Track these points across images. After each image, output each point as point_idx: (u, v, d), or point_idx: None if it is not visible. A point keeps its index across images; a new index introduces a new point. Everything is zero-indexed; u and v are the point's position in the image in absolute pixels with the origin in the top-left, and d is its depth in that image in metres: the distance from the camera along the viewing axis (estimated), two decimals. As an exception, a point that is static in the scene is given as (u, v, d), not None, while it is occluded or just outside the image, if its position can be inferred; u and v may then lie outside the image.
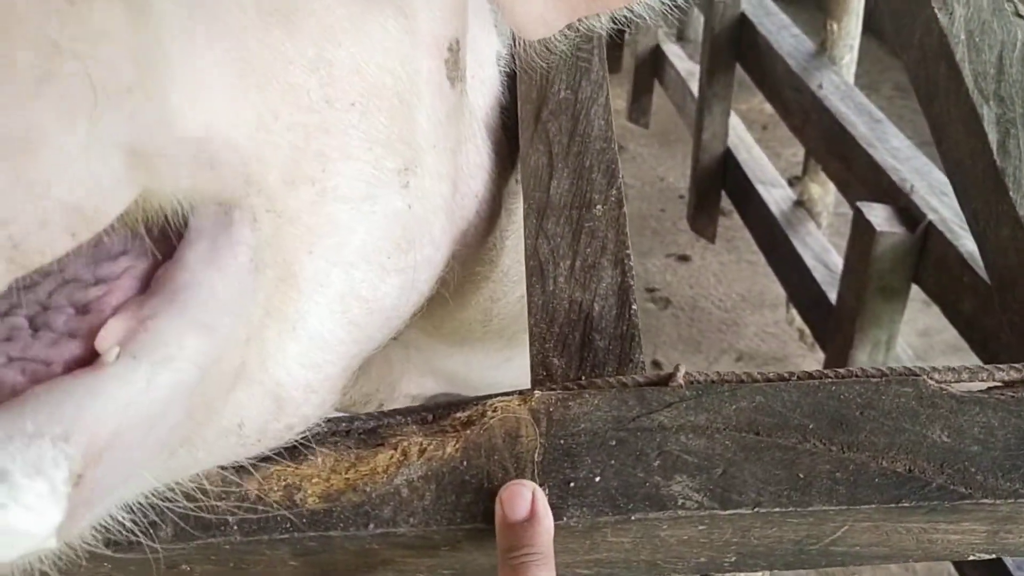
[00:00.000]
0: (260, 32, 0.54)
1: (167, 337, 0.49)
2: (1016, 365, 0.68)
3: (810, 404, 0.66)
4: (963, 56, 1.09)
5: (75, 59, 0.41)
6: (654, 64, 4.12)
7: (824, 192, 2.86)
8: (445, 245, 0.81)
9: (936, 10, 1.14)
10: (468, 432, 0.65)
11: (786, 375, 0.69)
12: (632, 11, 0.92)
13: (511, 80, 0.99)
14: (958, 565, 1.72)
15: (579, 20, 0.90)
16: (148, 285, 0.52)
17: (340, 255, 0.63)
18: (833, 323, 2.16)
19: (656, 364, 3.18)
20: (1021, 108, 1.03)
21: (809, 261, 2.47)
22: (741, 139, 3.18)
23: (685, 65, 3.76)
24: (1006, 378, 0.68)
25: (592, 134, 0.99)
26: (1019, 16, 1.47)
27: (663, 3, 0.93)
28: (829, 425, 0.64)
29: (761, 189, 2.83)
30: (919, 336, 3.08)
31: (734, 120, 3.17)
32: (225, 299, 0.53)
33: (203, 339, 0.51)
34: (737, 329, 3.34)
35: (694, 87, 3.34)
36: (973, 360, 1.57)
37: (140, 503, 0.59)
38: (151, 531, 0.60)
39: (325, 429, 0.67)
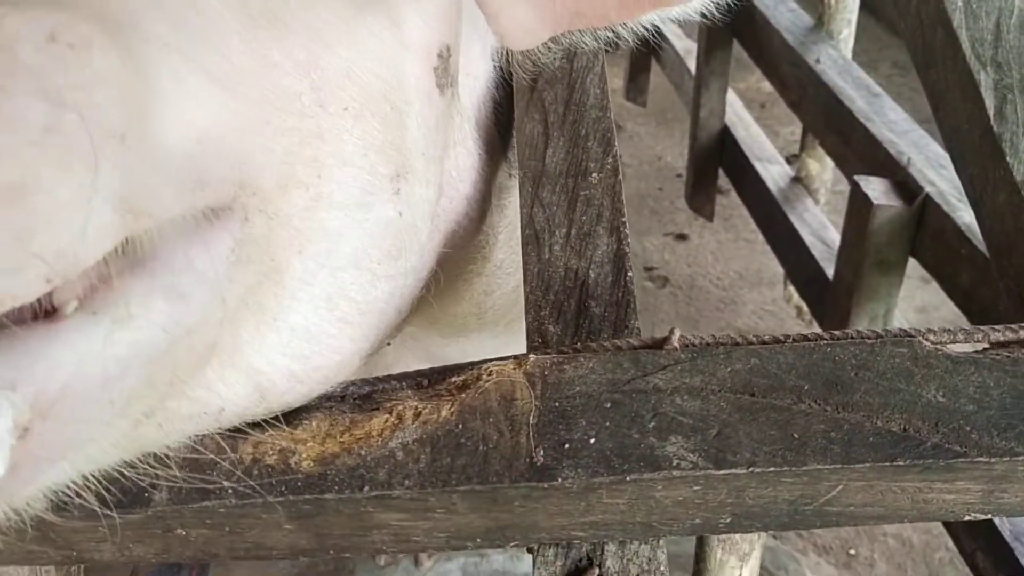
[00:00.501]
0: (247, 39, 0.54)
1: (131, 297, 0.48)
2: (1012, 326, 0.68)
3: (805, 366, 0.65)
4: (960, 22, 1.08)
5: (76, 109, 0.42)
6: (652, 41, 4.10)
7: (822, 168, 2.85)
8: (430, 252, 0.81)
9: (933, -23, 1.13)
10: (463, 396, 0.65)
11: (781, 338, 0.69)
12: (615, 32, 0.93)
13: (504, 75, 0.99)
14: (956, 538, 1.72)
15: (563, 35, 0.90)
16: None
17: (330, 260, 0.63)
18: (830, 298, 2.15)
19: (654, 342, 3.17)
20: (1018, 74, 1.02)
21: (807, 237, 2.46)
22: (739, 116, 3.16)
23: (682, 43, 3.73)
24: (1001, 339, 0.68)
25: (588, 103, 0.99)
26: (1016, -14, 1.46)
27: (646, 29, 0.94)
28: (824, 386, 0.64)
29: (759, 166, 2.82)
30: (917, 312, 3.08)
31: (732, 97, 3.16)
32: (200, 274, 0.52)
33: (172, 305, 0.50)
34: (735, 307, 3.34)
35: (691, 65, 3.32)
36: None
37: (133, 467, 0.59)
38: (146, 494, 0.60)
39: (319, 395, 0.67)
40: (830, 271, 2.21)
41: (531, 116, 0.98)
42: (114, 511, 0.59)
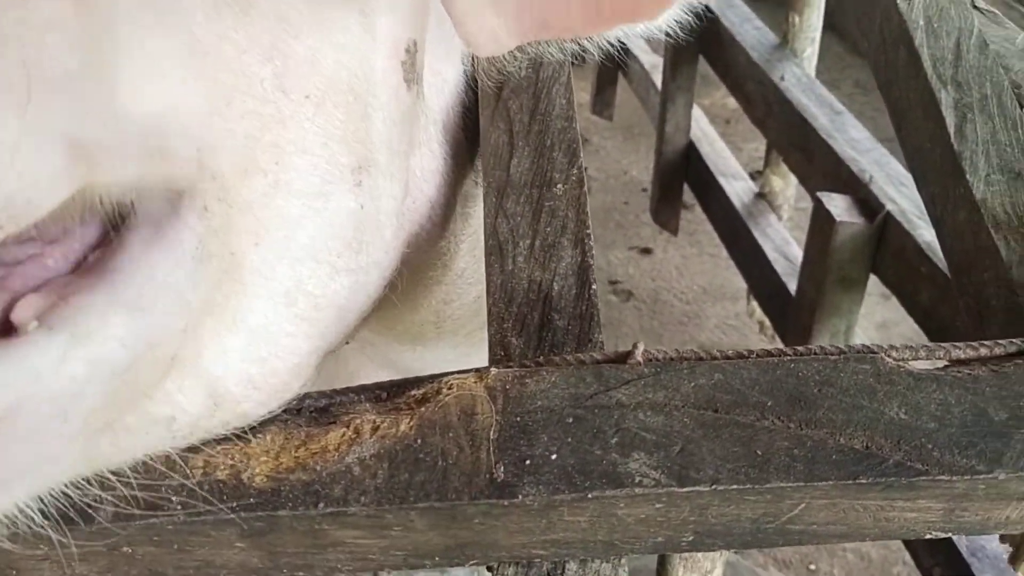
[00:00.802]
0: (213, 17, 0.53)
1: (90, 312, 0.46)
2: (972, 343, 0.68)
3: (768, 381, 0.65)
4: (922, 41, 1.09)
5: (14, 46, 0.40)
6: (619, 55, 4.12)
7: (785, 184, 2.88)
8: (395, 249, 0.80)
9: (896, -4, 1.15)
10: (423, 409, 0.63)
11: (745, 353, 0.68)
12: (580, 45, 0.93)
13: (472, 81, 0.98)
14: (914, 553, 1.74)
15: (529, 44, 0.90)
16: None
17: (288, 249, 0.61)
18: (792, 313, 2.17)
19: (618, 356, 3.17)
20: (978, 93, 1.03)
21: (770, 253, 2.48)
22: (704, 132, 3.19)
23: (649, 58, 3.76)
24: (963, 356, 0.68)
25: (553, 113, 0.99)
26: (975, 8, 1.49)
27: (611, 45, 0.94)
28: (787, 402, 0.64)
29: (723, 181, 2.84)
30: (877, 329, 3.12)
31: (697, 113, 3.18)
32: (163, 283, 0.51)
33: (133, 320, 0.48)
34: (699, 321, 3.36)
35: (658, 80, 3.34)
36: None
37: (78, 481, 0.57)
38: (90, 511, 0.57)
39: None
40: (792, 286, 2.23)
41: (496, 125, 0.97)
42: (56, 529, 0.57)
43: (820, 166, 2.11)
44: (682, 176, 3.18)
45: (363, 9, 0.66)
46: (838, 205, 1.85)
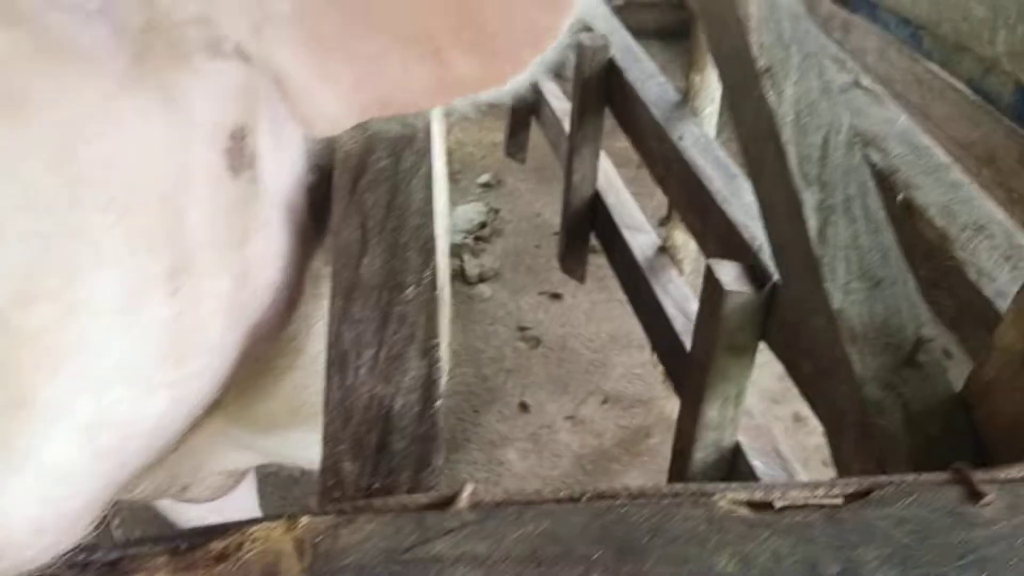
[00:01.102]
0: None
1: None
2: (809, 484, 0.66)
3: (598, 528, 0.62)
4: (789, 137, 1.09)
5: None
6: (532, 100, 4.13)
7: (687, 239, 2.90)
8: (228, 348, 0.75)
9: (767, 89, 1.15)
10: (221, 567, 0.58)
11: (577, 495, 0.65)
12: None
13: (322, 158, 0.94)
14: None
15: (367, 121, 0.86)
16: None
17: (91, 377, 0.56)
18: (687, 372, 2.17)
19: (523, 406, 3.15)
20: (842, 194, 1.03)
21: (669, 309, 2.48)
22: (611, 183, 3.19)
23: (560, 104, 3.77)
24: (800, 497, 0.66)
25: (411, 208, 0.95)
26: (858, 87, 1.50)
27: (462, 109, 0.90)
28: (615, 553, 0.61)
29: (627, 234, 2.85)
30: (776, 380, 3.16)
31: (605, 163, 3.19)
32: None
33: None
34: (604, 370, 3.35)
35: (568, 127, 3.35)
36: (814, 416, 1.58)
37: None
38: None
39: (60, 562, 0.59)
40: (689, 344, 2.23)
41: (349, 222, 0.92)
42: None
43: (714, 229, 2.12)
44: (589, 226, 3.18)
45: (173, 97, 0.60)
46: (728, 273, 1.85)
